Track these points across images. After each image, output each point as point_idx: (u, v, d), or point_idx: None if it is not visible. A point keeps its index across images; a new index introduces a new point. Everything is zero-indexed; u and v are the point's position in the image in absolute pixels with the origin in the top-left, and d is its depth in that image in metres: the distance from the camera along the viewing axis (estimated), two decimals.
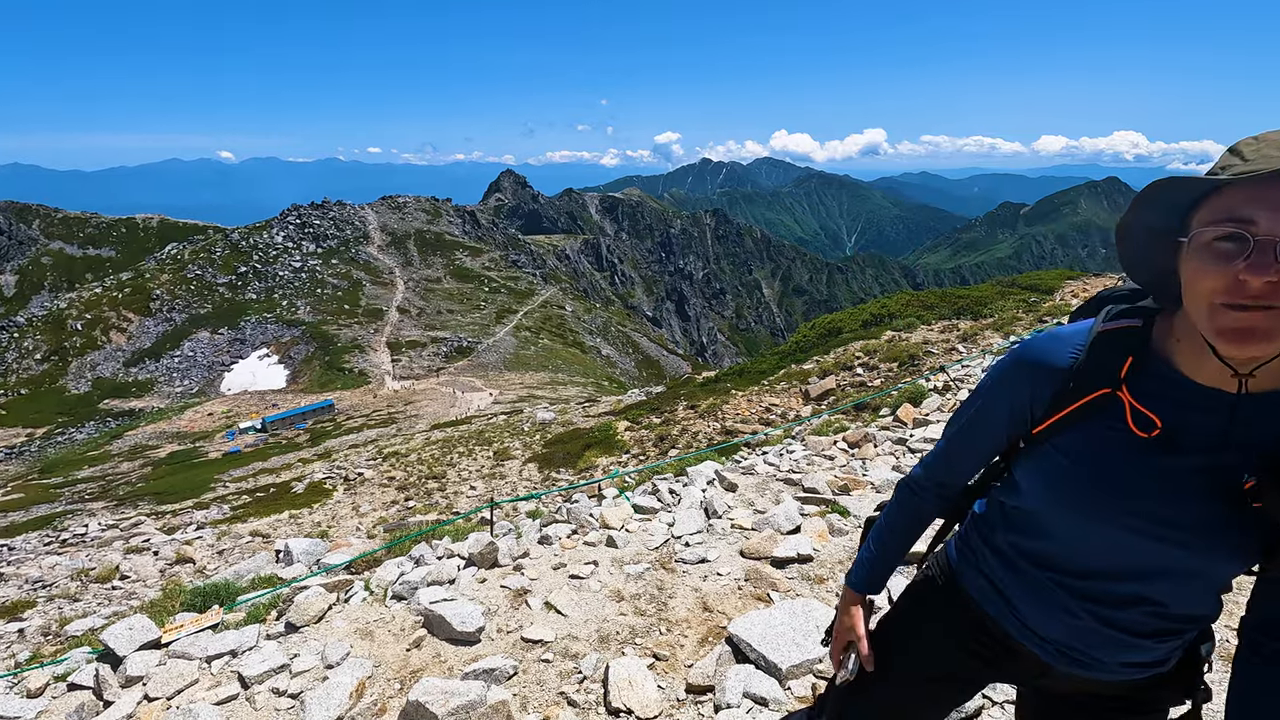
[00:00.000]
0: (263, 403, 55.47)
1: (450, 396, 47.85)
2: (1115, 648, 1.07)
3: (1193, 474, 0.95)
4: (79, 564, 10.79)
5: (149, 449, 43.43)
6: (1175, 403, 0.95)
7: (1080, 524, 1.03)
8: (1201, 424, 0.94)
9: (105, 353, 70.38)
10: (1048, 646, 1.12)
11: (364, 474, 20.36)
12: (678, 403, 18.52)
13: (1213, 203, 0.82)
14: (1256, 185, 0.78)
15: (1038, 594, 1.11)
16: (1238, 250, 0.78)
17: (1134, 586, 1.03)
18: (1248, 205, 0.78)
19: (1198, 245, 0.83)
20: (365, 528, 13.30)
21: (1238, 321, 0.79)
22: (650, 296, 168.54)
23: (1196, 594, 1.04)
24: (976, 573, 1.20)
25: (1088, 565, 1.06)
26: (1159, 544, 0.98)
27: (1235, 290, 0.79)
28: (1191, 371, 0.94)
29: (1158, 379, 0.97)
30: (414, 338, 74.08)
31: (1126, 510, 0.98)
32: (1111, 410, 0.99)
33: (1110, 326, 1.02)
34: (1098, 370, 1.00)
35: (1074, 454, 1.02)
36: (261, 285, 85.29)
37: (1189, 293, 0.86)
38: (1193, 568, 0.99)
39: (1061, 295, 15.91)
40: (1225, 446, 0.93)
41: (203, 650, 3.52)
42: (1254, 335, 0.79)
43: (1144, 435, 0.96)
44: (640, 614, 3.76)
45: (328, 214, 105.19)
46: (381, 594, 4.17)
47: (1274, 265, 0.76)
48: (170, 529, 15.49)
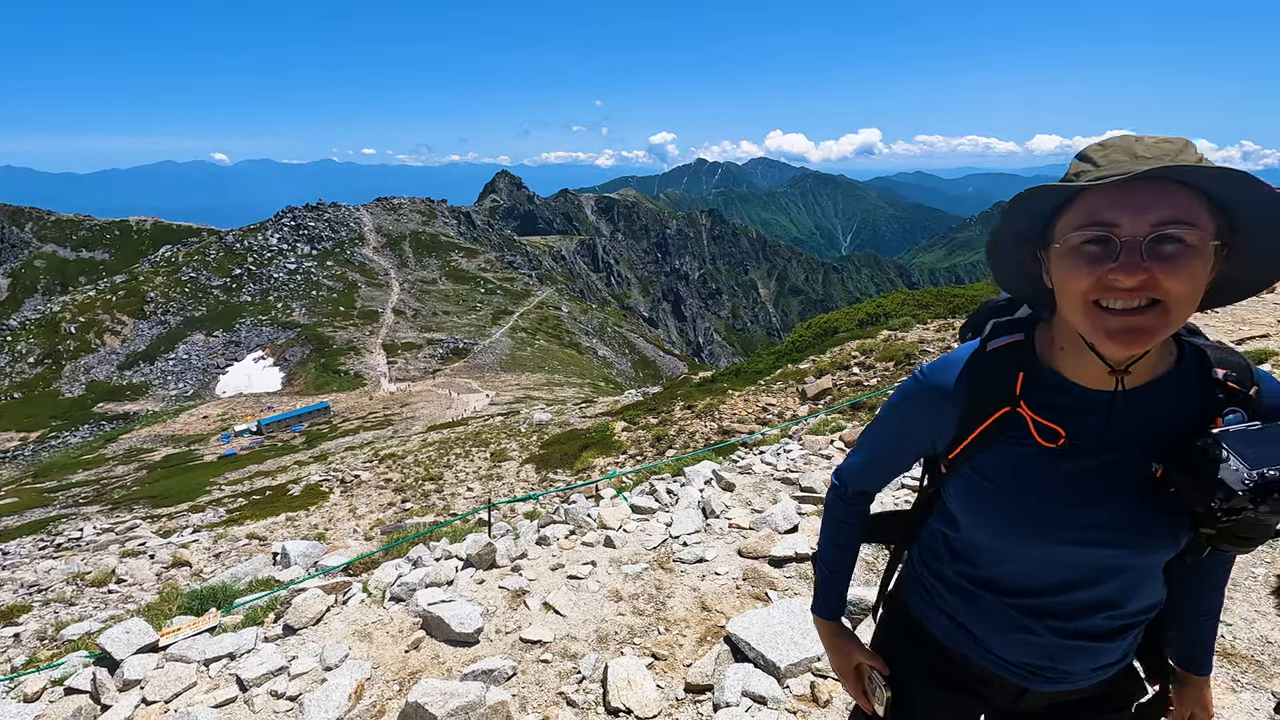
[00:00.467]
0: (258, 405, 55.30)
1: (446, 398, 47.77)
2: (1082, 657, 1.09)
3: (1104, 474, 0.98)
4: (74, 568, 10.73)
5: (144, 452, 43.26)
6: (1071, 409, 0.99)
7: (1017, 544, 1.05)
8: (1098, 425, 0.98)
9: (99, 356, 70.07)
10: (1018, 670, 1.13)
11: (360, 476, 20.31)
12: (674, 403, 18.53)
13: (1075, 208, 0.87)
14: (1114, 190, 0.83)
15: (996, 620, 1.12)
16: (1105, 252, 0.83)
17: (1085, 594, 1.05)
18: (1109, 209, 0.83)
19: (1067, 249, 0.87)
20: (362, 530, 13.27)
21: (1125, 324, 0.84)
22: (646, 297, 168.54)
23: (1146, 586, 1.07)
24: (936, 611, 1.21)
25: (1035, 584, 1.07)
26: (1095, 549, 1.01)
27: (1107, 290, 0.84)
28: (1077, 376, 0.99)
29: (1050, 389, 1.01)
30: (410, 339, 73.93)
31: (1054, 523, 1.01)
32: (1016, 427, 1.02)
33: (997, 345, 1.06)
34: (993, 390, 1.04)
35: (993, 476, 1.05)
36: (256, 287, 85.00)
37: (1063, 295, 0.90)
38: (1133, 563, 1.02)
39: None
40: (1126, 442, 0.97)
41: (200, 653, 3.51)
42: (1140, 334, 0.84)
43: (1051, 446, 0.99)
44: (639, 614, 3.77)
45: (322, 216, 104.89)
46: (380, 596, 4.17)
47: (1141, 264, 0.81)
48: (166, 532, 15.43)
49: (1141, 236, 0.81)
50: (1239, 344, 7.78)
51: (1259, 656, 2.71)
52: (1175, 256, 0.81)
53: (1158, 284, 0.82)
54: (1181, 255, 0.81)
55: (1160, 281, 0.82)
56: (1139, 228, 0.81)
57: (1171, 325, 0.85)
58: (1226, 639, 2.83)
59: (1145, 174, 0.80)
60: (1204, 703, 1.24)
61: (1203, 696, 1.23)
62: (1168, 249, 0.81)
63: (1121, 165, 0.83)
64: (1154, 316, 0.83)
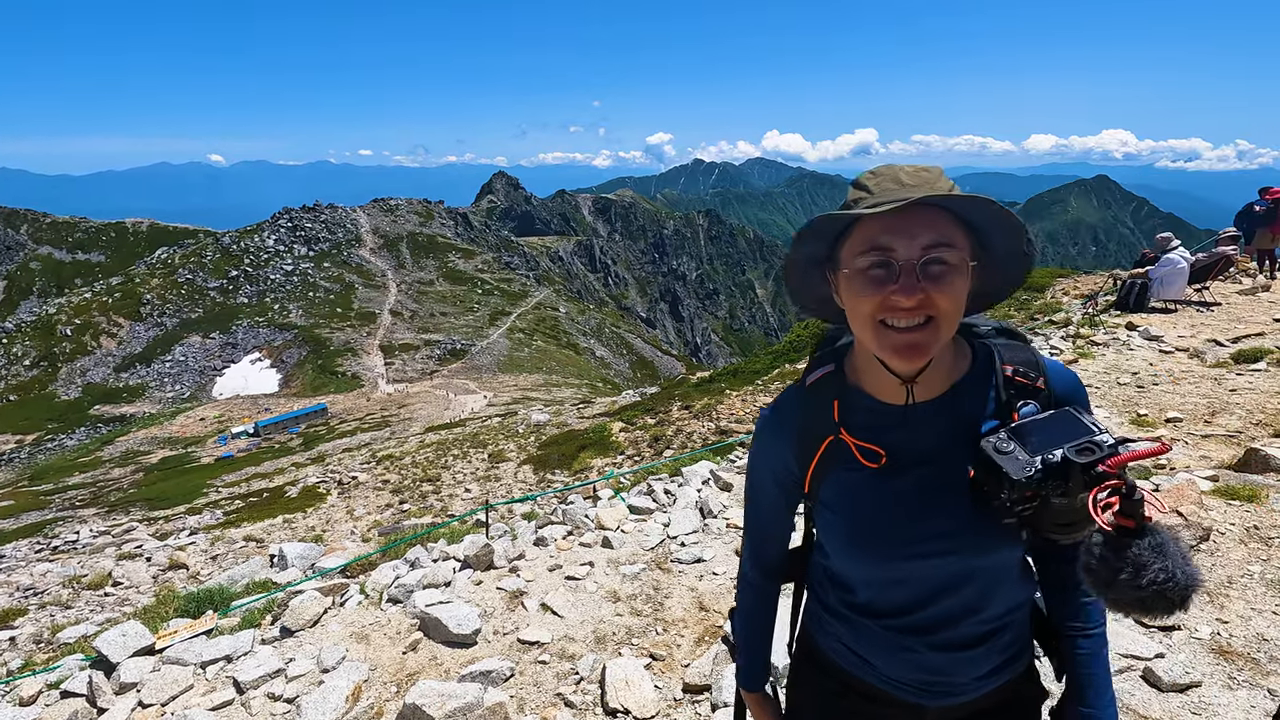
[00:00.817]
0: (255, 407, 55.16)
1: (444, 399, 47.70)
2: (962, 667, 1.10)
3: (929, 486, 1.03)
4: (70, 571, 10.70)
5: (140, 455, 43.13)
6: (883, 428, 1.05)
7: (867, 566, 1.09)
8: (910, 439, 1.04)
9: (95, 358, 69.83)
10: (909, 689, 1.14)
11: (358, 477, 20.27)
12: (672, 403, 18.53)
13: (856, 234, 0.94)
14: (888, 217, 0.90)
15: (878, 643, 1.14)
16: (887, 275, 0.91)
17: (946, 605, 1.07)
18: (884, 235, 0.91)
19: (853, 273, 0.94)
20: (360, 531, 13.25)
21: (905, 340, 0.92)
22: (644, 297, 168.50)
23: (1003, 586, 1.07)
24: (832, 639, 1.23)
25: (899, 602, 1.10)
26: (936, 559, 1.03)
27: (891, 309, 0.91)
28: (881, 394, 1.05)
29: (863, 411, 1.07)
30: (407, 340, 73.81)
31: (893, 540, 1.04)
32: (843, 454, 1.08)
33: (815, 377, 1.14)
34: (816, 422, 1.10)
35: (835, 505, 1.10)
36: (253, 289, 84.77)
37: (853, 316, 0.97)
38: (979, 566, 1.04)
39: (1052, 293, 16.01)
40: (941, 451, 1.02)
41: (197, 656, 3.50)
42: (918, 349, 0.92)
43: (875, 466, 1.05)
44: (636, 614, 3.77)
45: (319, 217, 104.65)
46: (377, 597, 4.16)
47: (918, 285, 0.89)
48: (163, 535, 15.39)
49: (915, 259, 0.89)
50: (1235, 341, 7.81)
51: (1255, 654, 2.72)
52: (942, 276, 0.90)
53: (932, 302, 0.90)
54: (947, 274, 0.90)
55: (933, 299, 0.90)
56: (912, 251, 0.89)
57: (942, 338, 0.93)
58: (1223, 636, 2.84)
59: (917, 201, 0.87)
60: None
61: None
62: (935, 269, 0.90)
63: (892, 193, 0.91)
64: (929, 333, 0.91)
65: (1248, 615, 2.96)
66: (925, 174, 0.93)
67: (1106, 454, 0.84)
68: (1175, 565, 0.78)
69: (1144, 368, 7.29)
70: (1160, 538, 0.80)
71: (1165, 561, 0.78)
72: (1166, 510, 4.04)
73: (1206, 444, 5.04)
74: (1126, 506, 0.80)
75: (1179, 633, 2.90)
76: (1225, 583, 3.21)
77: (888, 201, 0.89)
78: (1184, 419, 5.60)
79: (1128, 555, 0.79)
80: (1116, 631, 2.89)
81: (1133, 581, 0.79)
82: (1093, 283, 15.91)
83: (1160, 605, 0.79)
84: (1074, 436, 0.89)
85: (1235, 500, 3.90)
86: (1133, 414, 5.90)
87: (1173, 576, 0.78)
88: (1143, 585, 0.78)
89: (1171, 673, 2.61)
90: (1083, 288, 15.49)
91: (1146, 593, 0.78)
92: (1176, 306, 10.27)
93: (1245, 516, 3.72)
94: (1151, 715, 2.47)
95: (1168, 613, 0.80)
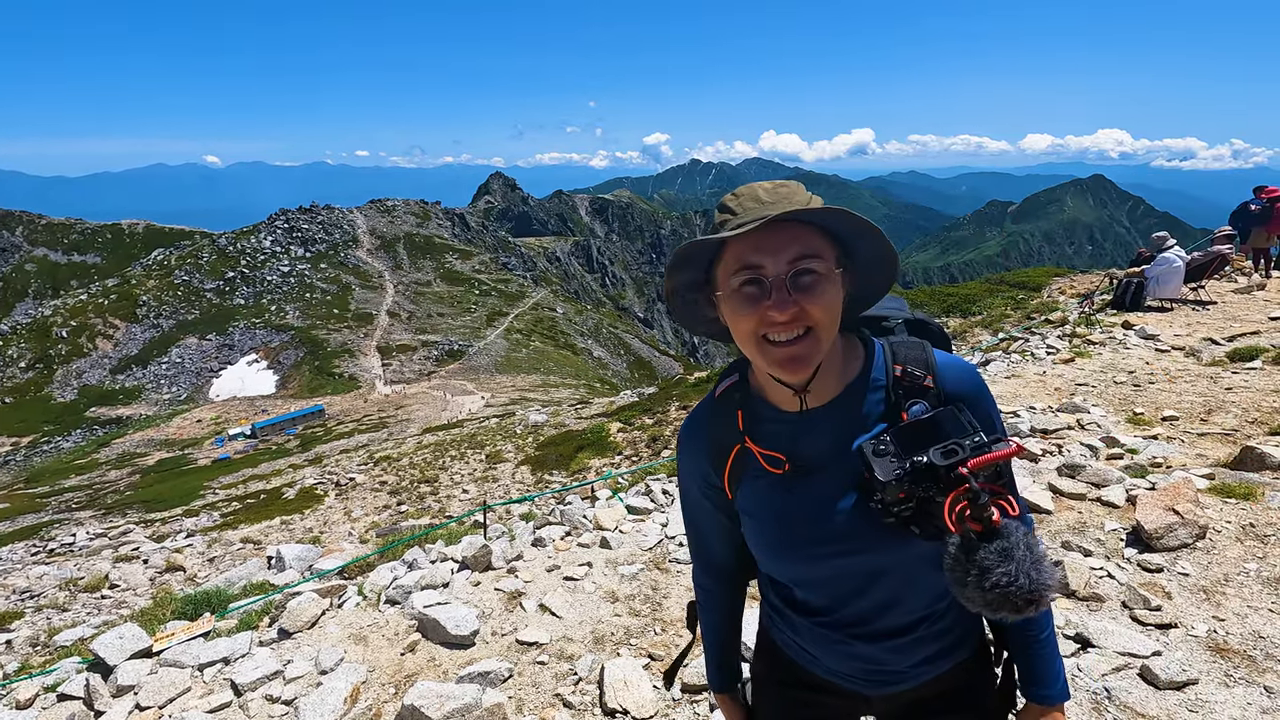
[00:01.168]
0: (252, 409, 55.07)
1: (441, 400, 47.66)
2: (899, 655, 1.12)
3: (830, 489, 1.05)
4: (67, 573, 10.67)
5: (137, 457, 43.03)
6: (784, 435, 1.08)
7: (787, 568, 1.13)
8: (807, 444, 1.07)
9: (91, 360, 69.67)
10: (849, 679, 1.17)
11: (355, 479, 20.25)
12: (670, 403, 18.53)
13: (727, 255, 0.96)
14: (753, 236, 0.91)
15: (815, 637, 1.17)
16: (760, 292, 0.93)
17: (866, 601, 1.09)
18: (753, 254, 0.93)
19: (729, 293, 0.96)
20: (358, 533, 13.23)
21: (786, 354, 0.94)
22: (641, 298, 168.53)
23: (921, 578, 1.08)
24: (780, 631, 1.26)
25: (820, 601, 1.13)
26: (844, 559, 1.06)
27: (770, 325, 0.93)
28: (780, 402, 1.08)
29: (766, 420, 1.10)
30: (404, 341, 73.74)
31: (802, 541, 1.07)
32: (750, 461, 1.11)
33: (722, 388, 1.16)
34: (724, 432, 1.13)
35: (750, 511, 1.13)
36: (250, 290, 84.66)
37: (737, 334, 1.00)
38: (890, 563, 1.05)
39: (1049, 292, 16.04)
40: (840, 454, 1.04)
41: (195, 658, 3.49)
42: (799, 361, 0.95)
43: (779, 472, 1.07)
44: (635, 614, 3.77)
45: (316, 218, 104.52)
46: (375, 599, 4.15)
47: (790, 299, 0.92)
48: (160, 537, 15.36)
49: (784, 274, 0.92)
50: (1230, 340, 7.83)
51: (1251, 651, 2.73)
52: (812, 286, 0.92)
53: (806, 313, 0.92)
54: (817, 284, 0.92)
55: (807, 310, 0.92)
56: (780, 267, 0.92)
57: (822, 348, 0.96)
58: (1219, 634, 2.85)
59: (779, 218, 0.89)
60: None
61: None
62: (805, 280, 0.92)
63: (753, 211, 0.93)
64: (808, 344, 0.94)
65: (1244, 613, 2.97)
66: (784, 189, 0.95)
67: (968, 455, 0.87)
68: (1020, 570, 0.81)
69: (1140, 366, 7.32)
70: (1008, 543, 0.82)
71: (1009, 566, 0.81)
72: (1016, 513, 4.08)
73: (1203, 442, 5.05)
74: (974, 511, 0.83)
75: (1175, 630, 2.91)
76: (1221, 580, 3.22)
77: (749, 221, 0.91)
78: (1180, 417, 5.61)
79: (975, 559, 0.82)
80: (1112, 630, 2.90)
81: (979, 583, 0.82)
82: (1089, 282, 15.95)
83: (1005, 606, 0.82)
84: (946, 437, 0.91)
85: (1231, 498, 3.91)
86: (1129, 413, 5.92)
87: (1015, 580, 0.80)
88: (986, 588, 0.81)
89: (1168, 670, 2.61)
90: (1079, 287, 15.52)
91: (991, 595, 0.81)
92: (1172, 305, 10.30)
93: (1241, 514, 3.74)
94: (1149, 713, 2.48)
95: (1015, 613, 0.82)
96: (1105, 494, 4.10)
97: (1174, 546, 3.47)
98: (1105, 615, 3.08)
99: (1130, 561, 3.46)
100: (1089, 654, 2.81)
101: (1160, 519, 3.53)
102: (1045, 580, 0.82)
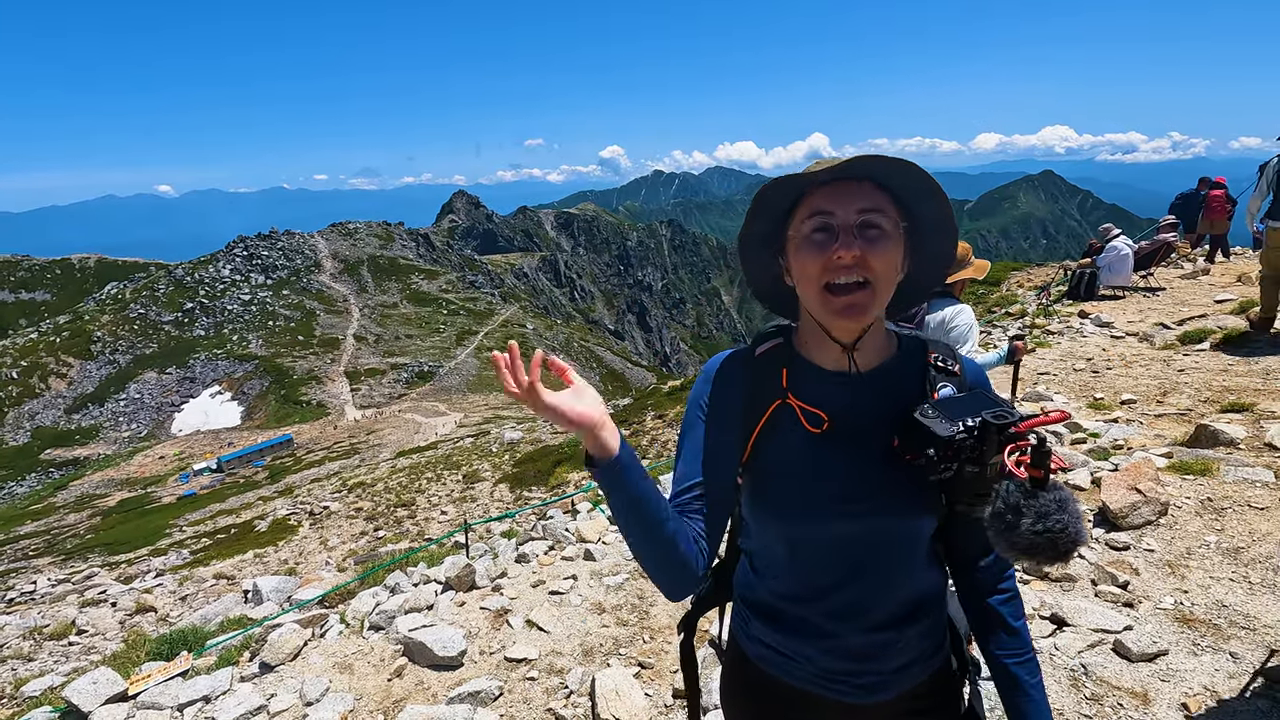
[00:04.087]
0: (217, 442, 53.60)
1: (414, 423, 46.96)
2: (883, 652, 1.15)
3: (859, 450, 1.10)
4: (30, 622, 10.24)
5: (97, 498, 41.50)
6: (825, 395, 1.13)
7: (796, 530, 1.13)
8: (848, 405, 1.12)
9: (44, 400, 67.13)
10: (836, 685, 1.17)
11: (330, 507, 19.83)
12: (645, 413, 18.55)
13: (802, 207, 1.05)
14: (828, 188, 1.02)
15: (802, 631, 1.17)
16: (828, 238, 1.01)
17: (866, 582, 1.12)
18: (826, 202, 1.02)
19: (799, 239, 1.05)
20: (335, 561, 12.95)
21: (846, 301, 1.01)
22: (611, 310, 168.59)
23: (915, 565, 1.15)
24: (756, 643, 1.25)
25: (819, 580, 1.14)
26: (860, 520, 1.09)
27: (834, 270, 1.00)
28: (825, 363, 1.14)
29: (810, 379, 1.15)
30: (373, 365, 72.56)
31: (824, 496, 1.10)
32: (788, 418, 1.14)
33: (764, 349, 1.20)
34: (766, 386, 1.16)
35: (775, 465, 1.14)
36: (210, 321, 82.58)
37: (801, 280, 1.06)
38: (899, 535, 1.11)
39: (1008, 286, 16.48)
40: (873, 419, 1.10)
41: (174, 699, 3.41)
42: (858, 309, 1.02)
43: (818, 431, 1.12)
44: (623, 624, 3.77)
45: (276, 244, 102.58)
46: (358, 625, 4.09)
47: (856, 243, 0.99)
48: (127, 579, 14.84)
49: (852, 221, 1.00)
50: (1180, 324, 8.15)
51: (1216, 620, 2.84)
52: (876, 240, 1.01)
53: (867, 263, 1.00)
54: (880, 239, 1.01)
55: (868, 260, 1.00)
56: (849, 215, 1.00)
57: (877, 301, 1.03)
58: (1185, 606, 2.96)
59: (848, 168, 1.00)
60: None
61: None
62: (871, 233, 1.01)
63: (828, 167, 1.01)
64: (866, 294, 1.01)
65: (1207, 584, 3.09)
66: (862, 158, 1.03)
67: (1018, 419, 0.97)
68: (1071, 521, 0.88)
69: (1097, 353, 7.57)
70: (1064, 494, 0.90)
71: (1064, 515, 0.88)
72: (1069, 468, 4.33)
73: (1160, 423, 5.25)
74: (1037, 458, 0.90)
75: (1145, 604, 3.02)
76: (1185, 554, 3.35)
77: (829, 167, 1.00)
78: (1138, 400, 5.82)
79: (1035, 503, 0.88)
80: (1085, 609, 3.00)
81: (1033, 527, 0.88)
82: (1045, 274, 16.43)
83: (1047, 552, 0.88)
84: (989, 407, 1.01)
85: (1190, 475, 4.08)
86: (1089, 398, 6.11)
87: (1067, 528, 0.87)
88: (1039, 531, 0.87)
89: (1140, 643, 2.71)
90: (1036, 279, 15.98)
91: (1042, 539, 0.87)
92: (1124, 293, 10.68)
93: (1200, 490, 3.89)
94: (1124, 685, 2.57)
95: (1050, 560, 0.89)
96: (1071, 477, 4.23)
97: (1139, 524, 3.60)
98: (1078, 594, 3.18)
99: (1099, 541, 3.58)
100: (1064, 633, 2.90)
101: (1124, 499, 3.66)
102: (1084, 536, 0.90)
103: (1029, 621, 3.01)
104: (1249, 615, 2.83)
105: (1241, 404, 5.15)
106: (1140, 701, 2.49)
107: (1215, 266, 12.04)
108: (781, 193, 1.05)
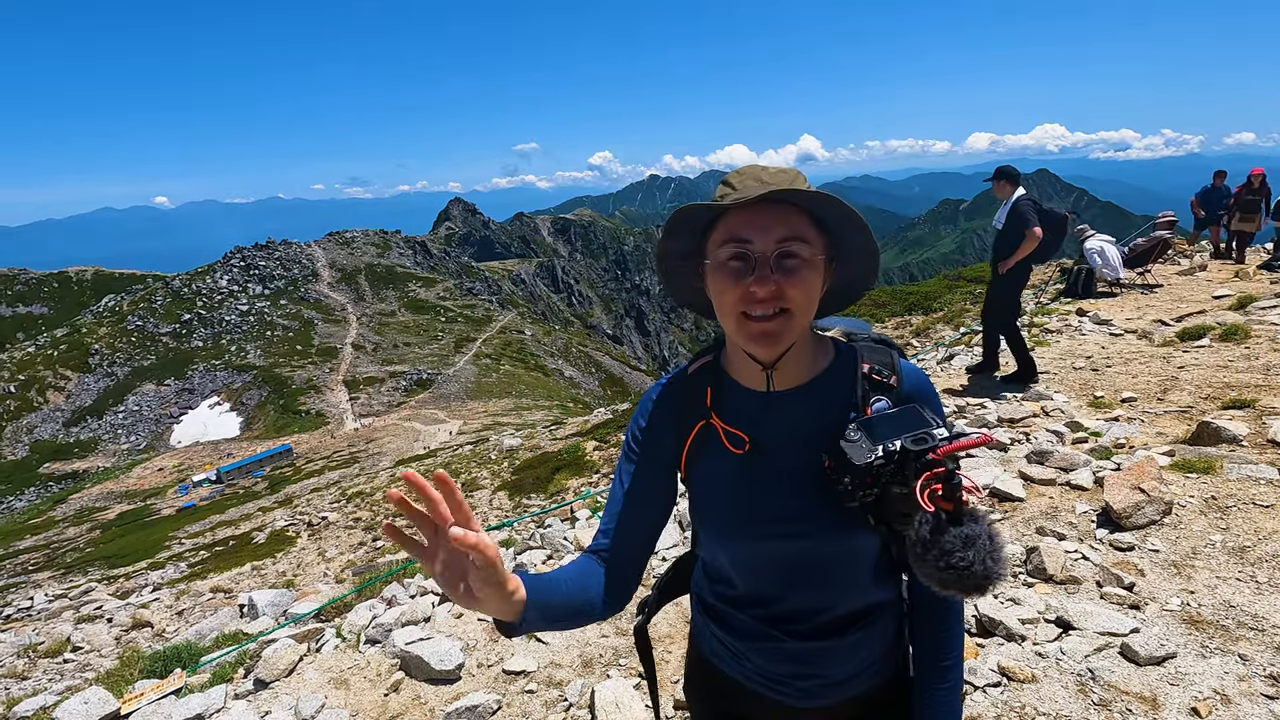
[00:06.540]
0: (216, 453, 53.49)
1: (413, 431, 46.88)
2: (825, 659, 1.14)
3: (787, 472, 1.08)
4: (25, 640, 10.15)
5: (96, 511, 41.36)
6: (750, 415, 1.11)
7: (730, 548, 1.13)
8: (770, 425, 1.10)
9: (43, 414, 67.00)
10: (780, 688, 1.17)
11: (328, 517, 19.73)
12: None
13: (720, 227, 1.00)
14: (746, 211, 0.96)
15: (748, 634, 1.18)
16: (745, 267, 0.96)
17: (805, 594, 1.11)
18: (743, 228, 0.96)
19: (715, 264, 1.00)
20: (333, 573, 12.87)
21: (762, 330, 0.98)
22: (609, 314, 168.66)
23: (860, 577, 1.12)
24: (710, 639, 1.27)
25: (760, 589, 1.14)
26: (795, 541, 1.08)
27: (749, 300, 0.97)
28: (748, 381, 1.12)
29: (734, 399, 1.13)
30: (371, 374, 72.46)
31: (753, 519, 1.09)
32: (713, 437, 1.13)
33: (695, 366, 1.19)
34: (691, 406, 1.16)
35: (704, 484, 1.15)
36: (208, 332, 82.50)
37: (719, 307, 1.03)
38: (835, 552, 1.09)
39: None
40: (801, 440, 1.08)
41: (166, 717, 3.35)
42: (773, 338, 0.98)
43: (739, 451, 1.10)
44: (623, 634, 3.72)
45: (273, 254, 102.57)
46: (354, 639, 4.04)
47: (773, 276, 0.95)
48: (124, 593, 14.74)
49: (769, 252, 0.95)
50: (1179, 320, 8.12)
51: (1224, 621, 2.80)
52: (794, 270, 0.96)
53: (784, 293, 0.96)
54: (799, 268, 0.96)
55: (785, 291, 0.96)
56: (767, 245, 0.95)
57: (796, 329, 0.99)
58: (1192, 607, 2.92)
59: (767, 196, 0.93)
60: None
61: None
62: (789, 263, 0.96)
63: (752, 190, 0.94)
64: (782, 322, 0.97)
65: (1213, 584, 3.05)
66: (786, 174, 1.00)
67: (938, 444, 0.91)
68: (977, 557, 0.85)
69: (1097, 351, 7.53)
70: (974, 529, 0.86)
71: (969, 553, 0.85)
72: (982, 495, 4.19)
73: (1161, 421, 5.21)
74: (946, 491, 0.87)
75: (1151, 606, 2.98)
76: (1190, 554, 3.30)
77: (747, 195, 0.93)
78: (1138, 398, 5.79)
79: (941, 539, 0.86)
80: (1091, 612, 2.95)
81: (937, 563, 0.86)
82: (1041, 273, 16.43)
83: (955, 587, 0.87)
84: (913, 429, 0.96)
85: (1193, 473, 4.04)
86: (1090, 397, 6.08)
87: (971, 566, 0.85)
88: (943, 568, 0.86)
89: (1147, 646, 2.67)
90: (1033, 278, 15.97)
91: (948, 575, 0.86)
92: (1121, 290, 10.66)
93: (1203, 488, 3.85)
94: (1132, 689, 2.53)
95: (964, 595, 0.88)
96: (1074, 478, 4.19)
97: (1143, 524, 3.56)
98: (1083, 597, 3.13)
99: (1102, 542, 3.54)
100: (1070, 636, 2.86)
101: (1128, 498, 3.62)
102: (998, 571, 0.86)
103: (1034, 626, 2.97)
104: (1257, 615, 2.78)
105: (1243, 400, 5.12)
106: (1149, 706, 2.44)
107: (1212, 263, 12.03)
108: (700, 213, 1.01)
